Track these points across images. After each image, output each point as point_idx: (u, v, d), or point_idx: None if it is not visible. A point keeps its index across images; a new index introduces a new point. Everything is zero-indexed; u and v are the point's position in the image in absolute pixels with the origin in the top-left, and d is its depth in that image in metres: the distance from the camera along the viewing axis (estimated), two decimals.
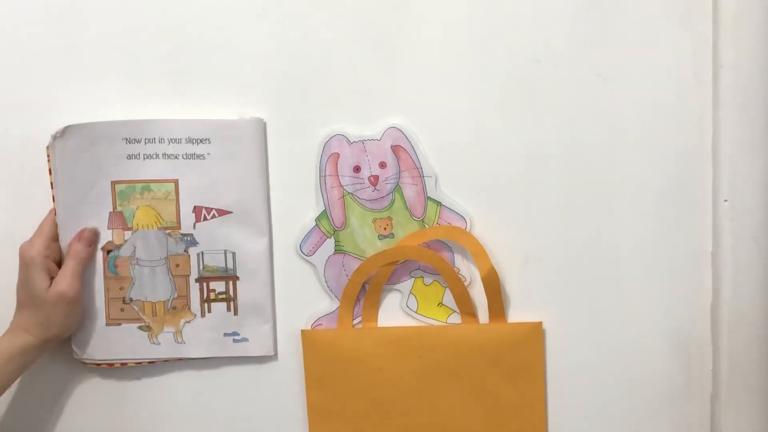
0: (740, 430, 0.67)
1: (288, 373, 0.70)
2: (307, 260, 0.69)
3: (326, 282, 0.69)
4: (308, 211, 0.68)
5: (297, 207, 0.68)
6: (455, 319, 0.69)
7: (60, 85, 0.68)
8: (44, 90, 0.68)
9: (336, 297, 0.69)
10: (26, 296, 0.64)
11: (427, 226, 0.68)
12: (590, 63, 0.65)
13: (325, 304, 0.69)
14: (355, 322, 0.69)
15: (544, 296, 0.68)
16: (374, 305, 0.69)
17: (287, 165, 0.68)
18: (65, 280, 0.64)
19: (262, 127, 0.67)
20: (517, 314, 0.68)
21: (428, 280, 0.69)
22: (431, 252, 0.67)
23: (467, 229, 0.67)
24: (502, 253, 0.68)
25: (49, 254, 0.65)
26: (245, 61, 0.67)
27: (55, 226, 0.67)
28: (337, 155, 0.67)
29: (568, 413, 0.69)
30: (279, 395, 0.70)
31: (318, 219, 0.68)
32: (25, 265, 0.64)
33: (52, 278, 0.65)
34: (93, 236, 0.67)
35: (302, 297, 0.69)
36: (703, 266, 0.67)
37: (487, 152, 0.67)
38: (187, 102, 0.67)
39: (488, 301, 0.67)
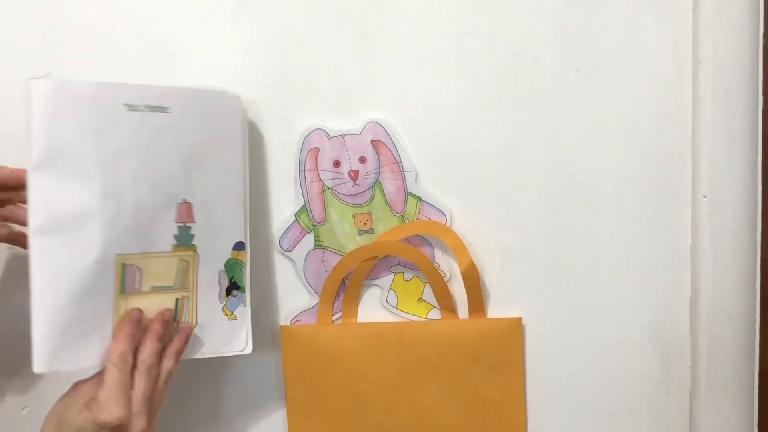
0: (718, 424, 0.68)
1: (267, 369, 0.70)
2: (286, 255, 0.68)
3: (306, 277, 0.68)
4: (288, 206, 0.68)
5: (276, 202, 0.68)
6: (435, 314, 0.69)
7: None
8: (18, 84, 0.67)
9: (315, 292, 0.68)
10: None
11: (407, 221, 0.67)
12: (570, 57, 0.65)
13: (304, 299, 0.69)
14: (335, 317, 0.69)
15: (523, 292, 0.68)
16: (354, 301, 0.69)
17: (267, 159, 0.67)
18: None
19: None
20: (496, 309, 0.68)
21: (408, 275, 0.69)
22: (411, 247, 0.67)
23: (447, 225, 0.67)
24: (482, 249, 0.68)
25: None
26: (224, 56, 0.66)
27: (6, 178, 0.61)
28: (317, 150, 0.67)
29: (548, 408, 0.69)
30: (258, 391, 0.70)
31: (297, 214, 0.68)
32: None
33: None
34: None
35: (281, 292, 0.69)
36: (682, 261, 0.67)
37: (468, 147, 0.67)
38: None
39: (468, 296, 0.67)
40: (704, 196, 0.65)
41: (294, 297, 0.69)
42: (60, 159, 0.56)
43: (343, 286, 0.68)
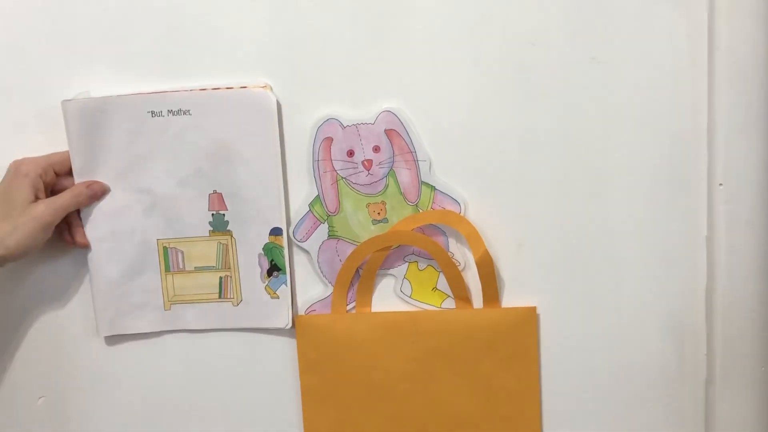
0: (734, 414, 0.67)
1: (283, 358, 0.70)
2: (300, 246, 0.68)
3: (320, 267, 0.68)
4: (301, 196, 0.68)
5: (290, 192, 0.68)
6: (449, 303, 0.68)
7: (51, 68, 0.67)
8: (34, 74, 0.67)
9: (330, 282, 0.68)
10: (1, 206, 0.63)
11: (421, 210, 0.67)
12: (585, 46, 0.65)
13: (318, 289, 0.69)
14: (349, 307, 0.69)
15: (538, 281, 0.68)
16: (368, 290, 0.69)
17: (280, 150, 0.67)
18: (51, 206, 0.63)
19: None
20: (511, 299, 0.68)
21: (422, 264, 0.69)
22: (425, 237, 0.67)
23: (461, 214, 0.67)
24: (496, 238, 0.67)
25: (42, 174, 0.64)
26: (237, 45, 0.66)
27: (66, 162, 0.66)
28: (331, 139, 0.67)
29: (562, 398, 0.69)
30: (273, 380, 0.70)
31: (311, 204, 0.68)
32: (14, 175, 0.63)
33: (36, 198, 0.63)
34: (100, 191, 0.67)
35: (296, 283, 0.69)
36: (697, 250, 0.67)
37: (482, 136, 0.66)
38: (177, 87, 0.66)
39: (482, 285, 0.67)
40: (720, 185, 0.65)
41: (308, 287, 0.69)
42: (97, 164, 0.66)
43: (358, 276, 0.68)
